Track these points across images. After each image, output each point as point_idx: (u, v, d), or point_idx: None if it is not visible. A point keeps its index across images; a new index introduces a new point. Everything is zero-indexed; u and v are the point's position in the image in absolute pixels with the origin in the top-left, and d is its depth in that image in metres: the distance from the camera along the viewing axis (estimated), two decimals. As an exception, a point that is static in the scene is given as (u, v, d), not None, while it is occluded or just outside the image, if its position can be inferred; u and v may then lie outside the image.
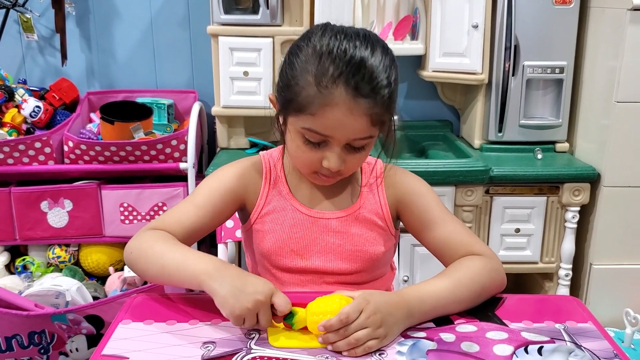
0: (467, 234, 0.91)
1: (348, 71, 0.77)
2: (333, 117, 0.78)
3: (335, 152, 0.82)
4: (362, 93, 0.77)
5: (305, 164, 0.86)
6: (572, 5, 1.68)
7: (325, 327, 0.72)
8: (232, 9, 1.70)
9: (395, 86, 0.82)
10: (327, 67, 0.77)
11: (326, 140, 0.81)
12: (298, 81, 0.79)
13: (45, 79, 1.98)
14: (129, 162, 1.70)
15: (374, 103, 0.78)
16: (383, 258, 0.95)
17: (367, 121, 0.79)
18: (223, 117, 1.81)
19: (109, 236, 1.75)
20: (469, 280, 0.83)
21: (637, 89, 1.55)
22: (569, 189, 1.65)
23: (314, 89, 0.78)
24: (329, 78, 0.77)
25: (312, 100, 0.78)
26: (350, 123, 0.79)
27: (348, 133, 0.80)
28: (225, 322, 0.79)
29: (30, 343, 1.50)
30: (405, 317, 0.77)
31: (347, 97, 0.77)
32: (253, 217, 0.93)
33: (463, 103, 1.95)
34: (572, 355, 0.74)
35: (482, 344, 0.75)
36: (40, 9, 1.90)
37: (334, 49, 0.78)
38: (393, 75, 0.81)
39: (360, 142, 0.82)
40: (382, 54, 0.80)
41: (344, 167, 0.84)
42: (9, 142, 1.66)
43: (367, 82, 0.77)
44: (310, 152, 0.83)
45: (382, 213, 0.93)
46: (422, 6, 1.78)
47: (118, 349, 0.73)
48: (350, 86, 0.77)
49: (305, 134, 0.81)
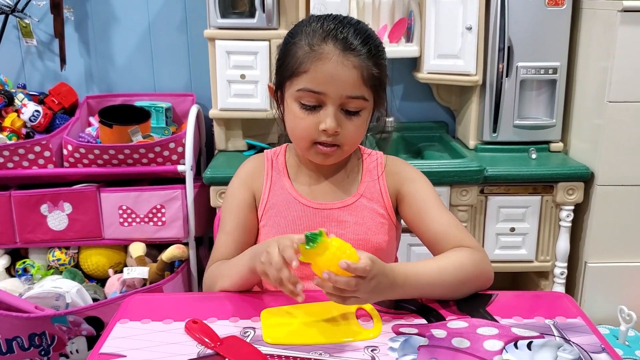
0: (460, 229, 0.94)
1: (336, 28, 0.85)
2: (325, 71, 0.83)
3: (330, 111, 0.85)
4: (351, 46, 0.84)
5: (303, 133, 0.88)
6: (564, 7, 1.70)
7: (349, 267, 0.71)
8: (228, 13, 1.72)
9: (382, 53, 0.89)
10: (317, 29, 0.86)
11: (321, 100, 0.85)
12: (292, 49, 0.87)
13: (44, 84, 2.00)
14: (127, 165, 1.72)
15: (364, 57, 0.85)
16: (387, 248, 0.96)
17: (357, 75, 0.84)
18: (221, 120, 1.82)
19: (108, 239, 1.77)
20: (455, 267, 0.86)
21: (629, 89, 1.57)
22: (563, 188, 1.66)
23: (306, 48, 0.85)
24: (318, 36, 0.85)
25: (305, 58, 0.85)
26: (342, 76, 0.83)
27: (340, 87, 0.84)
28: (221, 320, 0.81)
29: (31, 345, 1.51)
30: (388, 290, 0.79)
31: (336, 51, 0.84)
32: (259, 213, 0.96)
33: (458, 104, 1.96)
34: (561, 350, 0.75)
35: (473, 340, 0.77)
36: (39, 15, 1.92)
37: (322, 21, 0.87)
38: (379, 44, 0.88)
39: (354, 103, 0.86)
40: (366, 29, 0.88)
41: (340, 132, 0.86)
42: (8, 146, 1.68)
43: (354, 36, 0.85)
44: (307, 118, 0.86)
45: (383, 201, 0.96)
46: (417, 9, 1.80)
47: (115, 347, 0.75)
48: (339, 42, 0.84)
49: (301, 98, 0.86)
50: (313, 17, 0.89)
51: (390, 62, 1.95)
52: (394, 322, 0.81)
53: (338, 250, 0.72)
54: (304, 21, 0.90)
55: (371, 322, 0.80)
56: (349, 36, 0.85)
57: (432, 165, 1.64)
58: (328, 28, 0.85)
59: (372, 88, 0.87)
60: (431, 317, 0.83)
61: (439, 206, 0.95)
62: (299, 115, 0.87)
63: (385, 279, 0.78)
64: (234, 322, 0.80)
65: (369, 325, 0.80)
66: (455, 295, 0.87)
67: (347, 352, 0.74)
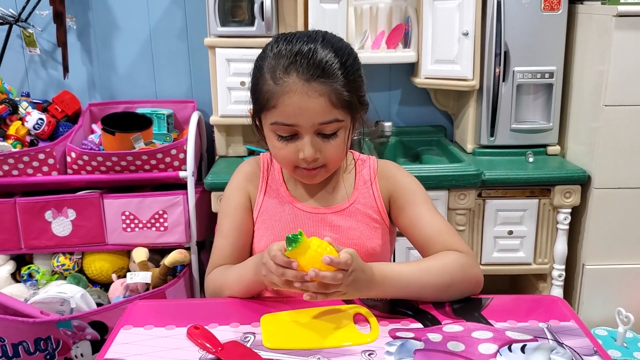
0: (451, 233, 0.95)
1: (297, 60, 0.83)
2: (291, 104, 0.83)
3: (306, 141, 0.86)
4: (314, 76, 0.83)
5: (284, 161, 0.90)
6: (560, 12, 1.71)
7: (332, 261, 0.74)
8: (228, 22, 1.75)
9: (352, 70, 0.86)
10: (278, 62, 0.84)
11: (295, 131, 0.86)
12: (258, 82, 0.87)
13: (47, 92, 2.02)
14: (130, 172, 1.74)
15: (329, 84, 0.83)
16: (381, 252, 0.98)
17: (325, 102, 0.84)
18: (221, 126, 1.85)
19: (111, 244, 1.79)
20: (439, 269, 0.87)
21: (624, 93, 1.59)
22: (560, 191, 1.68)
23: (270, 83, 0.85)
24: (280, 70, 0.84)
25: (271, 94, 0.85)
26: (309, 106, 0.83)
27: (310, 117, 0.84)
28: (222, 326, 0.83)
29: (37, 349, 1.53)
30: (366, 287, 0.81)
31: (300, 83, 0.83)
32: (254, 215, 0.97)
33: (456, 108, 1.98)
34: (554, 352, 0.77)
35: (468, 343, 0.78)
36: (42, 24, 1.95)
37: (282, 48, 0.85)
38: (347, 60, 0.86)
39: (328, 127, 0.86)
40: (332, 44, 0.85)
41: (320, 156, 0.87)
42: (13, 154, 1.70)
43: (316, 66, 0.83)
44: (285, 147, 0.87)
45: (376, 206, 0.97)
46: (414, 15, 1.83)
47: (120, 353, 0.77)
48: (301, 72, 0.83)
49: (275, 130, 0.87)
50: (280, 38, 0.88)
51: (388, 67, 2.00)
52: (391, 327, 0.82)
53: (319, 248, 0.76)
54: (268, 46, 0.88)
55: (368, 327, 0.82)
56: (311, 62, 0.83)
57: (430, 170, 1.66)
58: (290, 54, 0.83)
59: (344, 108, 0.86)
60: (427, 321, 0.84)
61: (431, 210, 0.96)
62: (277, 145, 0.88)
63: (363, 275, 0.80)
64: (234, 328, 0.82)
65: (367, 329, 0.82)
66: (441, 297, 0.88)
67: (345, 356, 0.76)
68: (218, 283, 0.93)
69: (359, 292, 0.81)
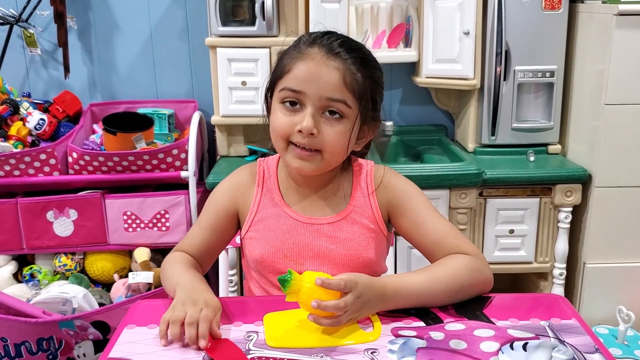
0: (456, 234, 0.94)
1: (322, 36, 0.88)
2: (306, 69, 0.85)
3: (307, 112, 0.86)
4: (336, 51, 0.86)
5: (279, 130, 0.88)
6: (560, 11, 1.72)
7: (324, 283, 0.75)
8: (229, 21, 1.75)
9: (372, 67, 0.89)
10: (305, 37, 0.90)
11: (301, 99, 0.86)
12: (281, 57, 0.90)
13: (48, 92, 2.03)
14: (131, 172, 1.74)
15: (348, 61, 0.86)
16: (376, 261, 0.97)
17: (339, 78, 0.85)
18: (222, 126, 1.85)
19: (113, 244, 1.79)
20: (448, 277, 0.87)
21: (625, 92, 1.59)
22: (561, 190, 1.68)
23: (292, 53, 0.88)
24: (305, 41, 0.88)
25: (290, 59, 0.87)
26: (322, 75, 0.85)
27: (320, 87, 0.85)
28: (225, 325, 0.83)
29: (39, 349, 1.53)
30: (379, 303, 0.82)
31: (321, 53, 0.86)
32: (247, 225, 0.96)
33: (457, 108, 1.98)
34: (555, 350, 0.77)
35: (470, 341, 0.78)
36: (42, 24, 1.95)
37: (314, 34, 0.90)
38: (372, 62, 0.89)
39: (335, 105, 0.86)
40: (359, 46, 0.90)
41: (317, 135, 0.86)
42: (15, 155, 1.71)
43: (339, 44, 0.87)
44: (286, 117, 0.87)
45: (373, 216, 0.96)
46: (415, 14, 1.83)
47: (123, 352, 0.77)
48: (324, 46, 0.86)
49: (283, 99, 0.87)
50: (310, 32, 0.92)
51: (389, 66, 2.00)
52: (393, 325, 0.82)
53: (309, 278, 0.77)
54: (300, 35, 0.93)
55: (371, 326, 0.82)
56: (336, 42, 0.87)
57: (432, 169, 1.67)
58: (315, 35, 0.88)
59: (356, 96, 0.86)
60: (429, 319, 0.84)
61: (434, 214, 0.95)
62: (279, 115, 0.88)
63: (373, 294, 0.80)
64: (237, 327, 0.83)
65: (369, 328, 0.82)
66: (451, 301, 0.88)
67: (347, 355, 0.76)
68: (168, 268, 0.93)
69: (373, 309, 0.82)
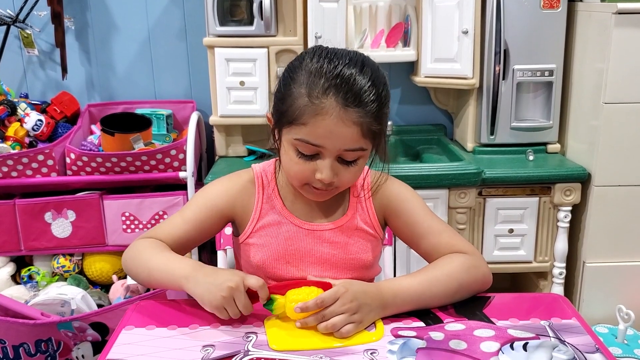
0: (451, 233, 0.95)
1: (338, 83, 0.81)
2: (324, 126, 0.82)
3: (327, 163, 0.84)
4: (352, 103, 0.81)
5: (297, 176, 0.88)
6: (559, 10, 1.71)
7: (302, 309, 0.78)
8: (227, 21, 1.74)
9: (385, 101, 0.85)
10: (318, 81, 0.82)
11: (318, 151, 0.84)
12: (291, 94, 0.84)
13: (46, 93, 2.02)
14: (129, 173, 1.74)
15: (364, 113, 0.82)
16: (374, 263, 0.99)
17: (357, 131, 0.82)
18: (221, 126, 1.84)
19: (111, 245, 1.79)
20: (446, 277, 0.87)
21: (624, 91, 1.59)
22: (561, 189, 1.68)
23: (305, 99, 0.82)
24: (319, 89, 0.82)
25: (304, 110, 0.82)
26: (341, 132, 0.82)
27: (339, 143, 0.83)
28: (224, 326, 0.83)
29: (38, 351, 1.53)
30: (379, 307, 0.82)
31: (337, 107, 0.81)
32: (247, 232, 0.96)
33: (456, 107, 1.98)
34: (556, 350, 0.77)
35: (470, 342, 0.78)
36: (40, 25, 1.95)
37: (324, 65, 0.83)
38: (383, 91, 0.85)
39: (352, 155, 0.85)
40: (371, 72, 0.84)
41: (336, 180, 0.86)
42: (12, 156, 1.70)
43: (355, 93, 0.82)
44: (303, 164, 0.85)
45: (370, 221, 0.97)
46: (413, 13, 1.82)
47: (122, 353, 0.77)
48: (340, 97, 0.81)
49: (298, 146, 0.85)
50: (316, 52, 0.85)
51: (388, 66, 2.00)
52: (393, 325, 0.83)
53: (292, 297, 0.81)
54: (305, 57, 0.86)
55: (373, 326, 0.82)
56: (352, 89, 0.81)
57: (431, 168, 1.66)
58: (331, 76, 0.81)
59: (371, 139, 0.85)
60: (429, 319, 0.84)
61: (428, 215, 0.96)
62: (295, 160, 0.85)
63: (368, 297, 0.81)
64: (236, 328, 0.82)
65: (371, 328, 0.82)
66: (451, 301, 0.88)
67: (347, 356, 0.76)
68: (140, 253, 0.90)
69: (373, 313, 0.82)
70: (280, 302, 0.81)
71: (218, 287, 0.79)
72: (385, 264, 1.18)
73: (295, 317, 0.80)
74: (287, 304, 0.80)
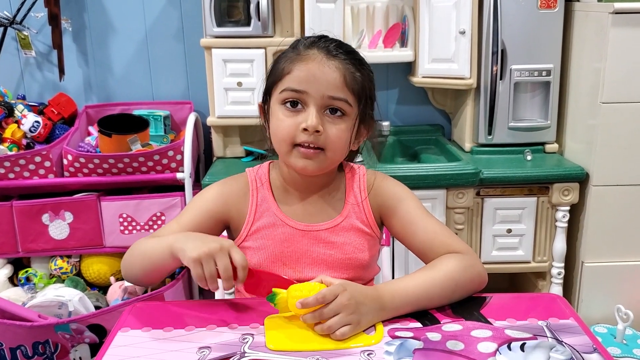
0: (447, 234, 0.95)
1: (321, 40, 0.90)
2: (307, 70, 0.87)
3: (312, 110, 0.87)
4: (333, 53, 0.88)
5: (284, 133, 0.88)
6: (556, 10, 1.71)
7: (303, 305, 0.78)
8: (224, 22, 1.74)
9: (368, 71, 0.92)
10: (304, 41, 0.91)
11: (303, 99, 0.87)
12: (278, 60, 0.92)
13: (43, 94, 2.02)
14: (127, 174, 1.74)
15: (346, 64, 0.88)
16: (372, 262, 0.99)
17: (340, 77, 0.87)
18: (218, 127, 1.84)
19: (109, 247, 1.78)
20: (442, 278, 0.87)
21: (621, 90, 1.59)
22: (559, 189, 1.68)
23: (291, 55, 0.90)
24: (303, 44, 0.90)
25: (289, 62, 0.88)
26: (324, 76, 0.86)
27: (322, 87, 0.87)
28: (220, 327, 0.82)
29: (35, 353, 1.52)
30: (378, 310, 0.82)
31: (320, 55, 0.88)
32: (243, 235, 0.96)
33: (453, 107, 1.98)
34: (553, 350, 0.77)
35: (467, 342, 0.78)
36: (37, 26, 1.94)
37: (307, 36, 0.93)
38: (367, 65, 0.92)
39: (336, 103, 0.88)
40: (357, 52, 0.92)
41: (322, 132, 0.87)
42: (9, 157, 1.70)
43: (338, 46, 0.90)
44: (289, 119, 0.88)
45: (367, 220, 0.97)
46: (411, 14, 1.82)
47: (118, 355, 0.77)
48: (323, 48, 0.89)
49: (284, 99, 0.88)
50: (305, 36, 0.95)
51: (385, 66, 2.00)
52: (390, 326, 0.82)
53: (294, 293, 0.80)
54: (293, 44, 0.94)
55: (373, 329, 0.82)
56: (333, 45, 0.89)
57: (429, 169, 1.66)
58: (314, 39, 0.91)
59: (355, 95, 0.89)
60: (426, 320, 0.84)
61: (425, 215, 0.96)
62: (281, 117, 0.88)
63: (366, 298, 0.80)
64: (233, 329, 0.82)
65: (371, 331, 0.81)
66: (448, 302, 0.88)
67: (344, 357, 0.75)
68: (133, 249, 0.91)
69: (371, 315, 0.81)
70: (283, 297, 0.80)
71: (204, 243, 0.79)
72: (383, 265, 1.18)
73: (296, 312, 0.79)
74: (289, 299, 0.80)
